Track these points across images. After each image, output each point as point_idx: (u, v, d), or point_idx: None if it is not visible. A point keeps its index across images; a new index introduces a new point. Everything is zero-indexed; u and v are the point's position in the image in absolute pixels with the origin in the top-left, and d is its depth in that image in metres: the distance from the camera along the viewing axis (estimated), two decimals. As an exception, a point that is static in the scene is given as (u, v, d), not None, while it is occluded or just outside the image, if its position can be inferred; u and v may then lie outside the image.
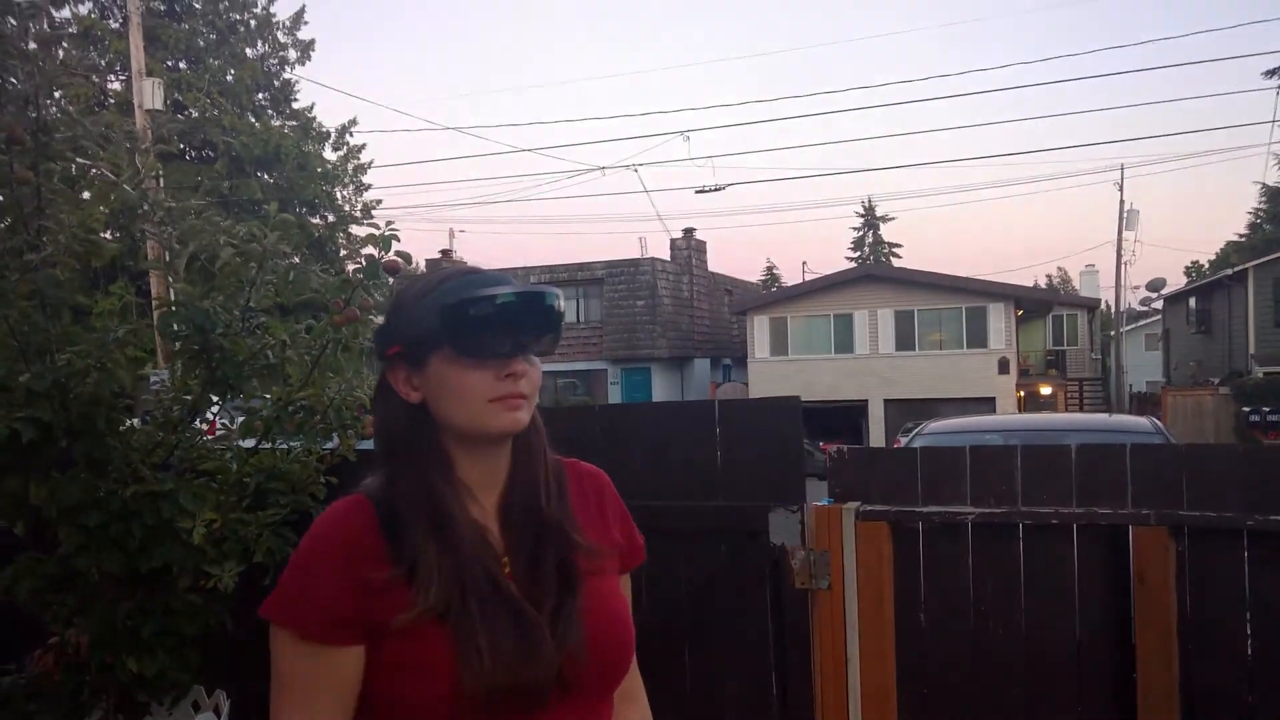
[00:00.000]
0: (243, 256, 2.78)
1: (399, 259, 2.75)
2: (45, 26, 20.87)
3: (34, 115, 2.84)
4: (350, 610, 1.03)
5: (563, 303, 1.12)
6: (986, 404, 21.61)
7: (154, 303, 5.34)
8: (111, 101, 21.74)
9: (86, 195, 3.20)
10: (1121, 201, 27.96)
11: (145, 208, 3.06)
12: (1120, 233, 27.98)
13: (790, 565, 2.74)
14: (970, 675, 2.69)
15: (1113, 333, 31.80)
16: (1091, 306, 31.60)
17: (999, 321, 23.27)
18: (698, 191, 22.95)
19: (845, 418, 23.87)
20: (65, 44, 21.90)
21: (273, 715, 1.06)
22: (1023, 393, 24.17)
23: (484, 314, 1.05)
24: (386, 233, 2.66)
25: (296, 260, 2.89)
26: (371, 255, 2.97)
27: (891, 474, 2.74)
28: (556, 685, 1.05)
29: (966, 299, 23.52)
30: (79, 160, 3.07)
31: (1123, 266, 28.00)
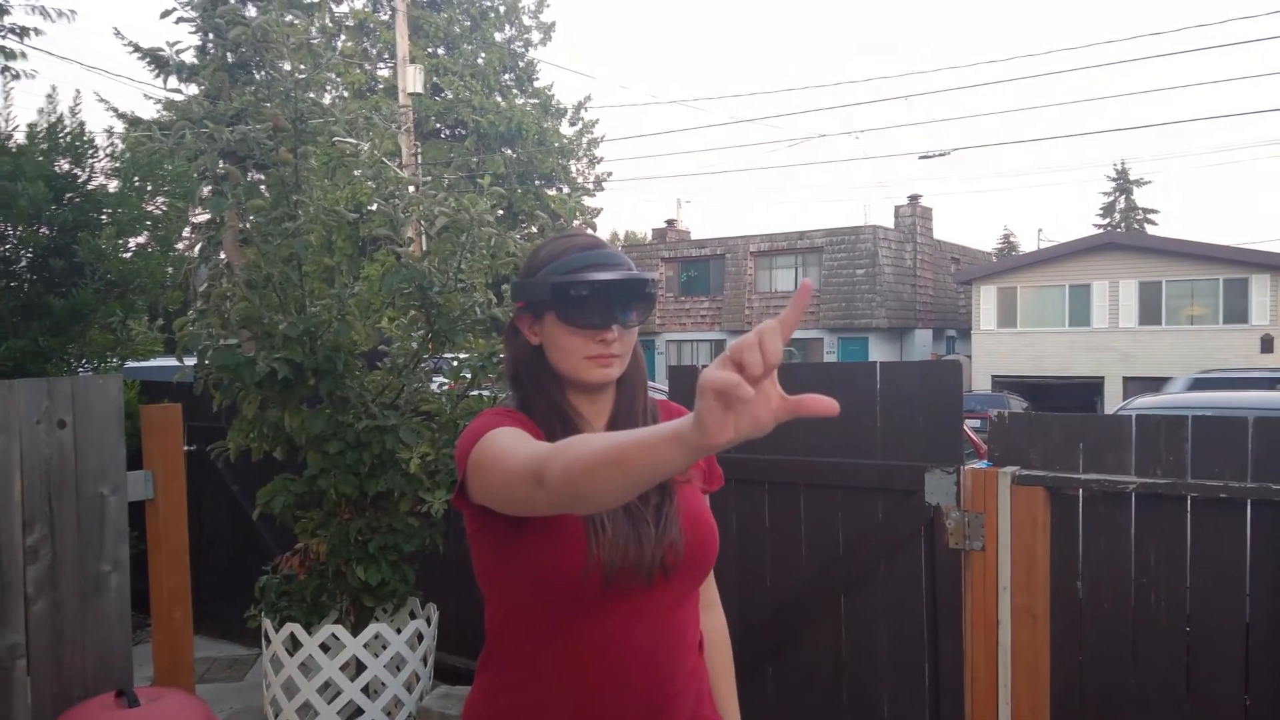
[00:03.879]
0: (454, 224, 3.18)
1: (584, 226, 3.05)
2: (327, 21, 23.19)
3: (293, 103, 3.35)
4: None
5: (655, 284, 1.33)
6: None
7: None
8: (380, 87, 23.81)
9: (356, 173, 3.71)
10: None
11: (394, 188, 3.49)
12: None
13: (944, 525, 2.82)
14: (1129, 647, 2.67)
15: None
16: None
17: (1263, 294, 20.89)
18: (921, 157, 22.08)
19: (1078, 395, 22.41)
20: (343, 35, 24.22)
21: (493, 458, 1.15)
22: (1292, 375, 21.66)
23: (583, 294, 1.27)
24: (572, 202, 2.95)
25: (494, 229, 3.24)
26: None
27: (1053, 440, 2.75)
28: (659, 570, 1.27)
29: (1224, 269, 21.28)
30: (339, 139, 3.57)
31: None
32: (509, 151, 24.36)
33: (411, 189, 3.43)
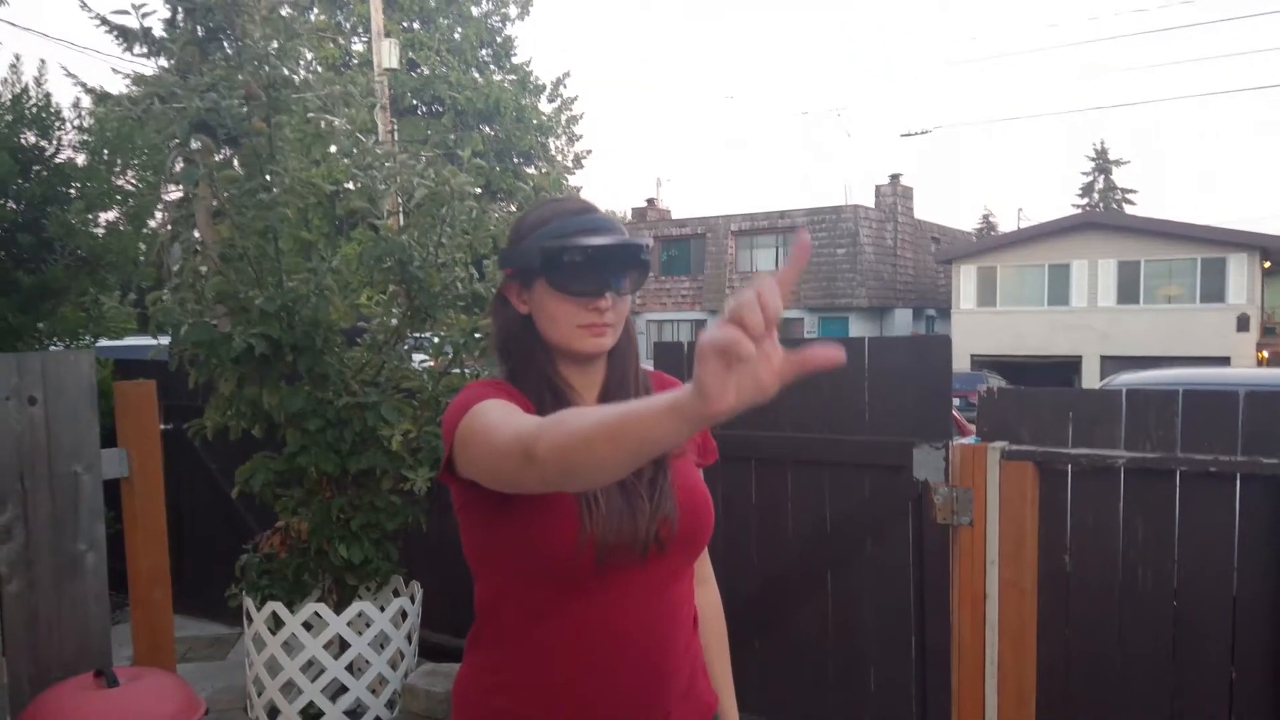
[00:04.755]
0: (434, 197, 3.11)
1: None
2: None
3: (265, 71, 3.26)
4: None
5: (649, 250, 1.27)
6: (1219, 364, 19.82)
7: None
8: (355, 62, 23.41)
9: (332, 149, 3.63)
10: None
11: (370, 159, 3.40)
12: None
13: (932, 500, 2.81)
14: (1117, 621, 2.67)
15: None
16: (1361, 259, 27.98)
17: (1240, 274, 21.11)
18: (903, 135, 22.13)
19: (1056, 374, 22.59)
20: (315, 9, 23.77)
21: (481, 432, 1.11)
22: (1265, 353, 21.94)
23: (575, 260, 1.22)
24: (555, 175, 2.89)
25: (475, 204, 3.18)
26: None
27: (1042, 415, 2.73)
28: (654, 545, 1.23)
29: (1202, 248, 21.45)
30: (312, 114, 3.48)
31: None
32: (487, 129, 24.10)
33: (388, 164, 3.35)
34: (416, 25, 24.41)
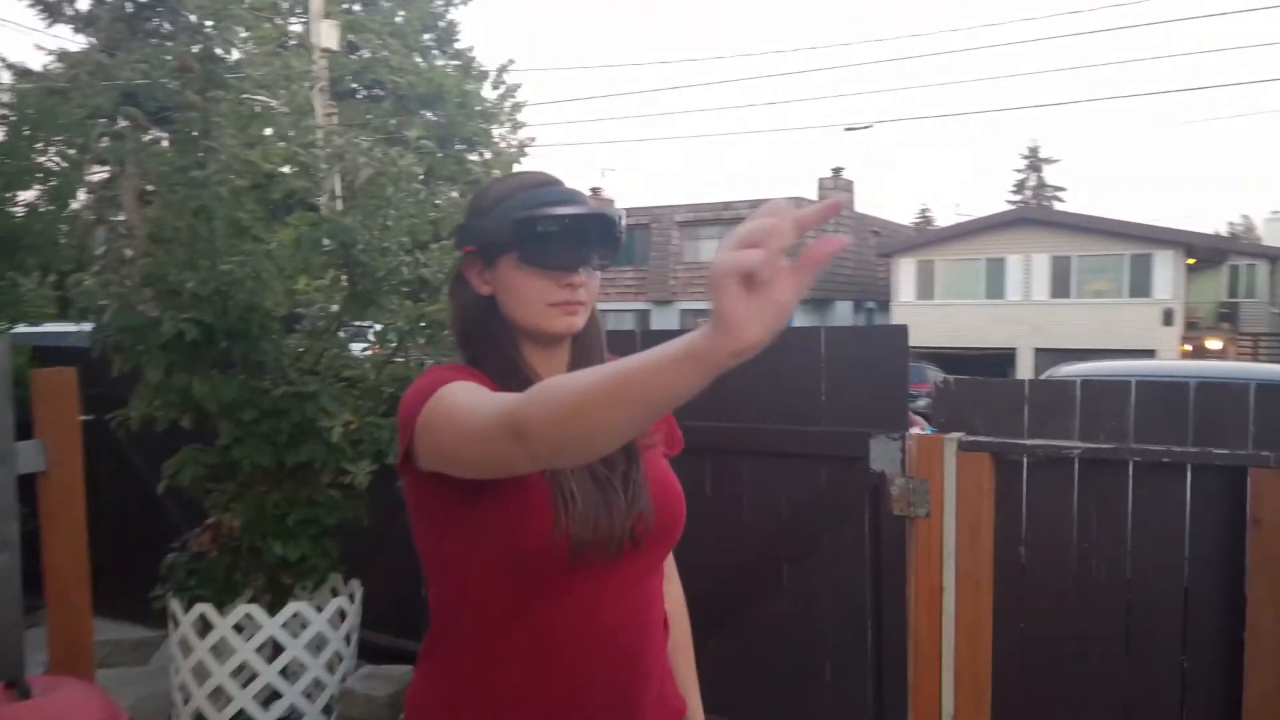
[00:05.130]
0: (381, 177, 2.98)
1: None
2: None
3: (200, 47, 3.09)
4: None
5: (624, 224, 1.19)
6: (1145, 357, 20.43)
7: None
8: (293, 43, 22.77)
9: (268, 132, 3.47)
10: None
11: (311, 138, 3.25)
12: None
13: (889, 492, 2.77)
14: (1071, 612, 2.67)
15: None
16: (1275, 257, 29.03)
17: (1165, 270, 21.79)
18: (847, 129, 22.46)
19: (991, 366, 23.06)
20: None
21: (449, 415, 1.02)
22: (1189, 346, 22.70)
23: (549, 230, 1.14)
24: (507, 155, 2.78)
25: (421, 186, 3.06)
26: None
27: (998, 406, 2.71)
28: (629, 540, 1.15)
29: (1130, 245, 22.09)
30: (245, 95, 3.32)
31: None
32: (429, 114, 23.66)
33: (328, 149, 3.21)
34: (358, 7, 23.89)
